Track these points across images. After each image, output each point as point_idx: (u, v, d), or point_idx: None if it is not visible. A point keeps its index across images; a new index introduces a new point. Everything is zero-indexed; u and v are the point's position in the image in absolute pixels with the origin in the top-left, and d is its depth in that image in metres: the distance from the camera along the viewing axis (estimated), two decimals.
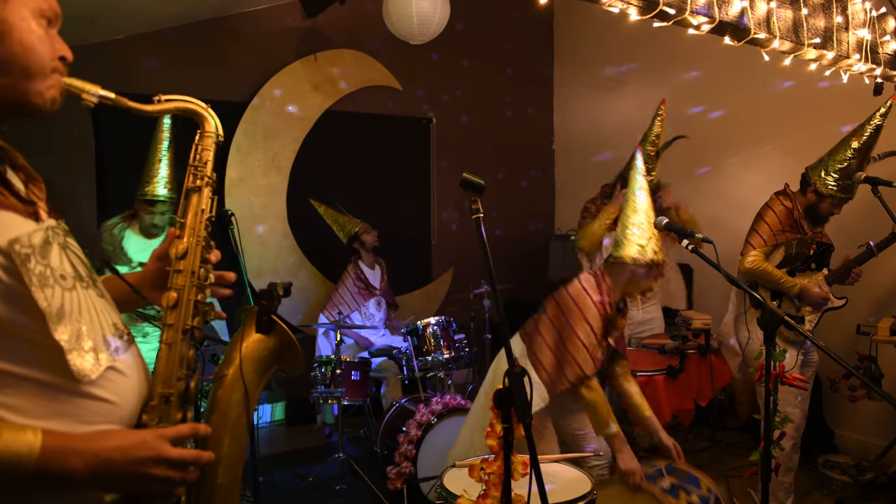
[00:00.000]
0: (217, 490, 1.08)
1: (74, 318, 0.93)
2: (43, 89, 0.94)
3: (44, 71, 0.93)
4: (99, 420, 0.95)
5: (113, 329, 1.01)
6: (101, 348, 0.96)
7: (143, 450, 0.94)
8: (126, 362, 1.02)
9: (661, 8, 2.20)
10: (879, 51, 2.94)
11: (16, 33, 0.89)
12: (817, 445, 3.69)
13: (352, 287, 4.44)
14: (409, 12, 3.79)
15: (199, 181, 1.16)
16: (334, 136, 5.07)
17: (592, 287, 2.51)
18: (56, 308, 0.91)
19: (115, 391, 0.98)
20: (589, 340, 2.44)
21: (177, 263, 1.10)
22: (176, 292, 1.08)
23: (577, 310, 2.48)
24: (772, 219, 3.20)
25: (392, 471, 3.21)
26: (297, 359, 1.23)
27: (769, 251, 3.20)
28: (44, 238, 0.92)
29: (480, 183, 1.52)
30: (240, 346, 1.16)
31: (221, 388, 1.13)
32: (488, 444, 1.50)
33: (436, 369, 3.71)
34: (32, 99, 0.93)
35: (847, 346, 3.68)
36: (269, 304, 1.17)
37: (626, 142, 5.43)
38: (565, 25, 6.17)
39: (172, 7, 4.11)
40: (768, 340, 2.08)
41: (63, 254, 0.96)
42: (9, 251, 0.86)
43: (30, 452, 0.85)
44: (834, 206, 3.10)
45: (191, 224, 1.13)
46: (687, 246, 2.17)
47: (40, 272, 0.90)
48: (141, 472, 0.93)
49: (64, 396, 0.92)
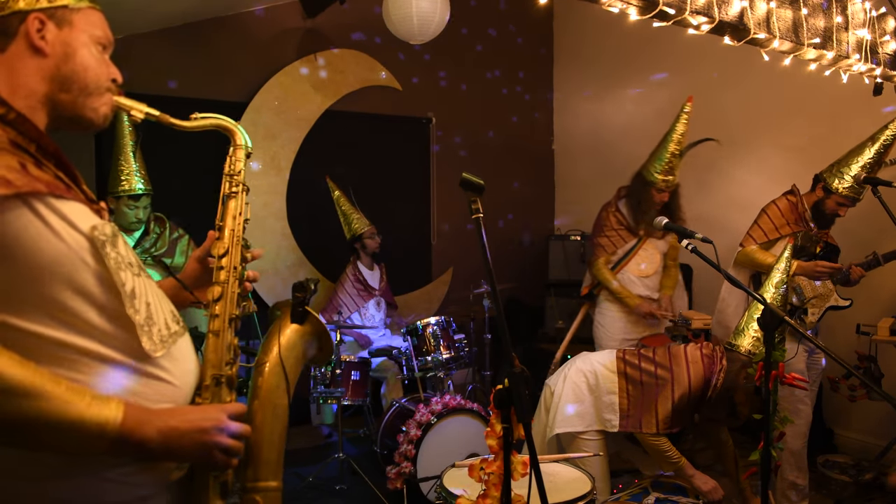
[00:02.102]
0: (263, 465, 1.18)
1: (143, 300, 1.04)
2: (98, 105, 1.08)
3: (99, 89, 1.08)
4: (162, 399, 1.05)
5: (172, 315, 1.13)
6: (163, 330, 1.07)
7: (207, 420, 1.04)
8: (182, 347, 1.13)
9: (660, 8, 2.20)
10: (879, 51, 2.94)
11: (78, 56, 1.05)
12: (817, 445, 3.69)
13: (351, 289, 4.43)
14: (409, 12, 3.79)
15: (235, 188, 1.29)
16: (334, 136, 5.07)
17: (709, 360, 2.52)
18: (129, 290, 1.01)
19: (174, 373, 1.08)
20: (682, 404, 2.48)
21: (219, 262, 1.22)
22: (220, 286, 1.20)
23: (686, 375, 2.50)
24: (774, 212, 3.22)
25: (392, 471, 3.21)
26: (329, 346, 1.36)
27: (770, 244, 3.22)
28: (112, 229, 1.04)
29: (480, 183, 1.53)
30: (278, 335, 1.27)
31: (263, 374, 1.23)
32: (488, 444, 1.50)
33: (435, 369, 3.71)
34: (87, 114, 1.07)
35: (847, 346, 3.68)
36: (304, 296, 1.28)
37: (626, 142, 5.44)
38: (565, 25, 6.16)
39: (173, 7, 4.11)
40: (768, 340, 2.08)
41: (126, 247, 1.07)
42: (91, 236, 0.98)
43: (114, 419, 0.93)
44: (839, 206, 3.11)
45: (230, 226, 1.26)
46: (687, 246, 2.18)
47: (115, 257, 1.01)
48: (206, 441, 1.03)
49: (133, 375, 1.01)
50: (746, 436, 4.21)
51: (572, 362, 2.76)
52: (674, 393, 2.49)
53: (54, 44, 1.02)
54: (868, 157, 3.02)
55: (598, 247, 3.77)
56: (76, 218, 0.97)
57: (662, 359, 2.61)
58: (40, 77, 1.02)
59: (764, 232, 3.21)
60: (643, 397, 2.56)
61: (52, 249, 0.93)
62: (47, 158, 1.00)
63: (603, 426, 2.61)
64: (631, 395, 2.59)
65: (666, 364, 2.58)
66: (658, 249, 3.76)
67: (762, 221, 3.25)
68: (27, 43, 1.00)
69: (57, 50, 1.02)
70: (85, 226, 0.98)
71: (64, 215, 0.96)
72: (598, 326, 3.86)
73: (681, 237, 2.23)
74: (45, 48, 1.01)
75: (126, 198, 3.07)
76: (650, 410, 2.50)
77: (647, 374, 2.59)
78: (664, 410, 2.48)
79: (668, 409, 2.48)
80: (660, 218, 2.36)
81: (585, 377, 2.69)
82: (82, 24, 1.06)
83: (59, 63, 1.03)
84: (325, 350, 1.36)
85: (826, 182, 3.12)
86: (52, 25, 1.02)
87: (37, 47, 1.01)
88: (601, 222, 3.78)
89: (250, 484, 1.16)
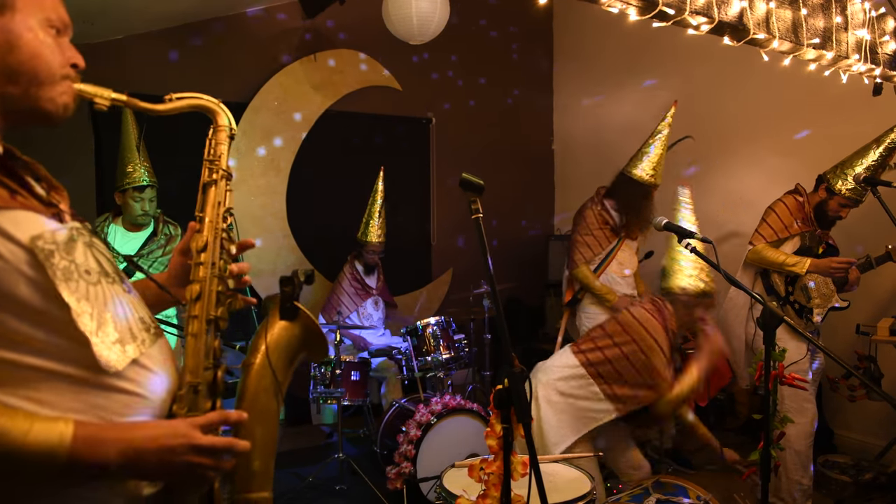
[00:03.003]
0: (251, 475, 1.11)
1: (99, 310, 0.96)
2: (54, 95, 0.97)
3: (53, 78, 0.97)
4: (130, 413, 0.98)
5: (139, 322, 1.04)
6: (126, 340, 0.99)
7: (174, 438, 0.96)
8: (153, 355, 1.04)
9: (660, 8, 2.20)
10: (879, 51, 2.94)
11: (23, 43, 0.93)
12: (817, 445, 3.68)
13: (348, 287, 4.43)
14: (408, 12, 3.79)
15: (216, 174, 1.18)
16: (334, 136, 5.07)
17: (657, 313, 2.58)
18: (81, 300, 0.93)
19: (142, 384, 1.00)
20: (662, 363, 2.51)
21: (198, 257, 1.13)
22: (198, 284, 1.11)
23: (647, 335, 2.54)
24: (782, 210, 3.23)
25: (392, 471, 3.21)
26: (322, 344, 1.25)
27: (779, 243, 3.22)
28: (68, 236, 0.95)
29: (480, 183, 1.52)
30: (265, 333, 1.18)
31: (249, 376, 1.15)
32: (488, 445, 1.50)
33: (435, 369, 3.71)
34: (44, 105, 0.97)
35: (847, 346, 3.68)
36: (291, 290, 1.19)
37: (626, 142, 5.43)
38: (565, 25, 6.17)
39: (172, 7, 4.11)
40: (768, 340, 2.08)
41: (88, 251, 0.99)
42: (31, 247, 0.89)
43: (61, 442, 0.86)
44: (842, 207, 3.12)
45: (209, 217, 1.15)
46: (686, 246, 2.18)
47: (65, 267, 0.92)
48: (174, 461, 0.95)
49: (93, 390, 0.94)
50: (747, 436, 4.21)
51: (536, 382, 2.67)
52: (649, 356, 2.51)
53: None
54: (872, 160, 3.03)
55: (578, 247, 3.73)
56: (15, 228, 0.89)
57: (614, 330, 2.62)
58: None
59: (774, 230, 3.21)
60: (621, 373, 2.56)
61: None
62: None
63: (597, 422, 2.59)
64: (607, 377, 2.57)
65: (621, 332, 2.59)
66: (632, 250, 3.83)
67: (771, 219, 3.24)
68: None
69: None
70: (25, 236, 0.89)
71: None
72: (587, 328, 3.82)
73: (681, 237, 2.23)
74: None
75: (131, 190, 3.10)
76: (639, 382, 2.52)
77: (609, 349, 2.59)
78: (656, 373, 2.50)
79: (660, 368, 2.50)
80: (660, 218, 2.35)
81: (555, 387, 2.64)
82: (28, 7, 0.94)
83: (3, 54, 0.93)
84: (318, 347, 1.25)
85: (829, 183, 3.13)
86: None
87: None
88: (585, 221, 3.74)
89: (238, 496, 1.10)
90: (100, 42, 4.09)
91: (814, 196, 3.22)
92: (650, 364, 2.51)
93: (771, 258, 3.18)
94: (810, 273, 3.10)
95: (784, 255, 3.16)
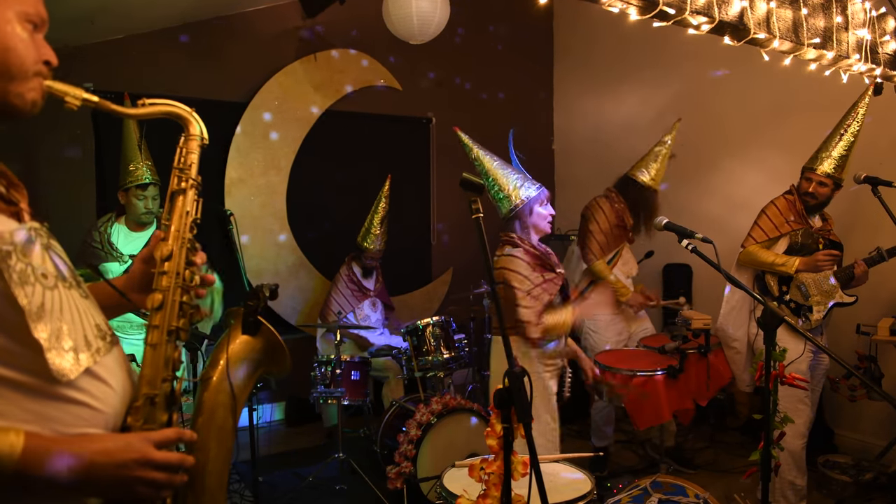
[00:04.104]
0: (204, 493, 1.08)
1: (55, 316, 0.92)
2: (23, 91, 0.94)
3: (25, 74, 0.94)
4: (82, 424, 0.94)
5: (95, 330, 1.00)
6: (81, 348, 0.95)
7: (127, 452, 0.93)
8: (108, 365, 1.01)
9: (660, 8, 2.20)
10: (879, 51, 2.94)
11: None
12: (817, 445, 3.69)
13: (345, 289, 4.42)
14: (408, 12, 3.79)
15: (184, 183, 1.15)
16: (334, 136, 5.07)
17: (516, 250, 2.82)
18: (36, 306, 0.90)
19: (96, 394, 0.97)
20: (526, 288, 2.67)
21: (161, 265, 1.10)
22: (161, 294, 1.08)
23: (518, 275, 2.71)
24: (773, 211, 3.25)
25: (392, 471, 3.21)
26: (284, 361, 1.22)
27: (771, 243, 3.23)
28: (26, 237, 0.92)
29: (480, 183, 1.53)
30: (226, 347, 1.16)
31: (207, 390, 1.13)
32: (488, 444, 1.50)
33: (436, 369, 3.71)
34: (11, 100, 0.94)
35: (847, 345, 3.68)
36: (255, 305, 1.16)
37: (626, 142, 5.43)
38: (565, 25, 6.16)
39: (172, 7, 4.11)
40: (768, 340, 2.08)
41: (45, 253, 0.96)
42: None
43: (11, 453, 0.84)
44: (820, 186, 3.13)
45: (176, 226, 1.13)
46: (687, 246, 2.17)
47: (21, 269, 0.89)
48: (126, 476, 0.93)
49: (44, 399, 0.91)
50: (747, 436, 4.21)
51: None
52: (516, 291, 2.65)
53: None
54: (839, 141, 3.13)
55: (594, 242, 3.74)
56: None
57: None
58: None
59: (764, 231, 3.24)
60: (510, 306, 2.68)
61: None
62: None
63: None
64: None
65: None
66: (631, 253, 3.92)
67: (762, 221, 3.27)
68: None
69: None
70: None
71: None
72: (590, 333, 3.81)
73: (681, 237, 2.23)
74: None
75: (134, 188, 3.13)
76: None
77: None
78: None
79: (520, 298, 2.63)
80: (660, 218, 2.35)
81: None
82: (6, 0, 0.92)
83: None
84: (280, 364, 1.21)
85: (807, 167, 3.20)
86: None
87: None
88: (602, 216, 3.75)
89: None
90: (101, 42, 4.09)
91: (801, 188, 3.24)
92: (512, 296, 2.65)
93: (761, 259, 3.20)
94: (800, 272, 3.11)
95: (774, 255, 3.18)
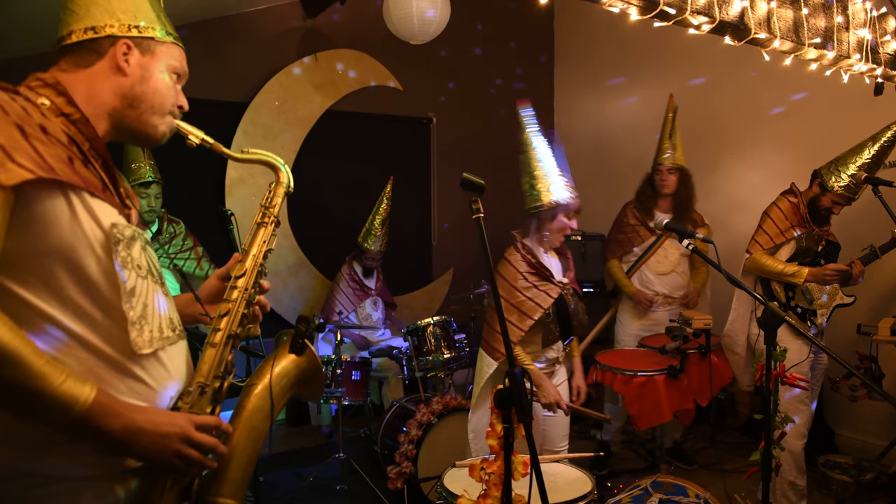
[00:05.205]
0: (227, 482, 1.19)
1: (141, 300, 1.12)
2: (158, 124, 1.23)
3: (163, 110, 1.23)
4: (134, 396, 1.10)
5: (169, 322, 1.19)
6: (155, 332, 1.14)
7: (172, 427, 1.08)
8: (172, 353, 1.19)
9: (661, 8, 2.19)
10: (880, 51, 2.94)
11: (153, 80, 1.20)
12: (818, 445, 3.69)
13: (346, 288, 4.42)
14: (409, 12, 3.79)
15: (267, 219, 1.40)
16: (335, 136, 5.07)
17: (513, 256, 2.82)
18: (130, 287, 1.10)
19: (154, 375, 1.13)
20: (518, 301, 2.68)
21: (234, 281, 1.30)
22: (229, 304, 1.27)
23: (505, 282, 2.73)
24: (777, 215, 3.21)
25: (392, 471, 3.21)
26: (319, 385, 1.40)
27: (776, 249, 3.21)
28: (132, 233, 1.14)
29: (481, 183, 1.53)
30: (273, 362, 1.32)
31: (250, 396, 1.27)
32: (488, 444, 1.50)
33: (436, 369, 3.71)
34: (148, 129, 1.22)
35: (848, 346, 3.68)
36: (306, 328, 1.35)
37: (627, 141, 5.44)
38: (565, 25, 6.16)
39: (172, 7, 4.08)
40: (768, 340, 2.08)
41: (143, 252, 1.17)
42: (109, 232, 1.08)
43: (85, 400, 0.98)
44: (835, 204, 3.11)
45: (254, 252, 1.35)
46: (687, 246, 2.18)
47: (124, 256, 1.10)
48: (166, 446, 1.07)
49: (111, 368, 1.08)
50: (747, 436, 4.21)
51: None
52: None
53: (135, 67, 1.18)
54: (867, 157, 3.02)
55: (611, 244, 4.03)
56: (101, 214, 1.08)
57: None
58: (114, 93, 1.17)
59: (770, 237, 3.19)
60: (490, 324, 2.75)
61: (67, 233, 1.03)
62: (95, 159, 1.13)
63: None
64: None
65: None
66: (676, 248, 3.86)
67: (767, 226, 3.23)
68: (112, 63, 1.16)
69: (136, 72, 1.18)
70: (106, 222, 1.08)
71: (90, 208, 1.07)
72: (619, 323, 4.06)
73: (681, 237, 2.23)
74: (126, 69, 1.17)
75: (137, 186, 3.18)
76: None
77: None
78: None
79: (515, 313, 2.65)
80: (661, 218, 2.36)
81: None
82: (163, 55, 1.22)
83: (135, 83, 1.18)
84: (314, 388, 1.39)
85: (823, 179, 3.13)
86: (137, 52, 1.18)
87: (119, 67, 1.16)
88: (619, 218, 4.01)
89: (209, 497, 1.17)
90: None
91: (808, 193, 3.21)
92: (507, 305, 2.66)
93: (769, 267, 3.16)
94: (808, 282, 3.11)
95: (782, 264, 3.14)
